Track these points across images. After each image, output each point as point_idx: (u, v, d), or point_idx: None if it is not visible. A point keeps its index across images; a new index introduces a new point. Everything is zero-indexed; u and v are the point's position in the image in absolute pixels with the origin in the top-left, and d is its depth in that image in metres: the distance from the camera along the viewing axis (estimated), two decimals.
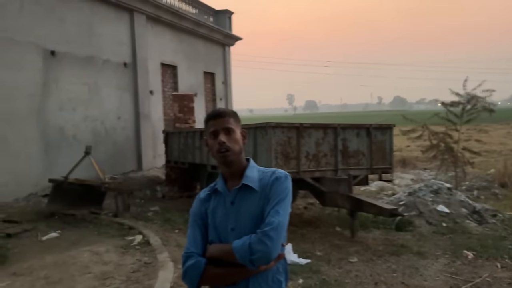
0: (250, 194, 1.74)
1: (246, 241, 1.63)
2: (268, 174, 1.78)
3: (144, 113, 12.33)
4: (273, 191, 1.72)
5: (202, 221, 1.82)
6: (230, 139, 1.75)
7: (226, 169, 1.79)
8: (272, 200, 1.70)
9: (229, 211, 1.76)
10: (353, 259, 5.53)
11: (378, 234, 6.86)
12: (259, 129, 6.73)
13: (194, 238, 1.80)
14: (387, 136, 7.47)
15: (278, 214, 1.67)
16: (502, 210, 8.14)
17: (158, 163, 12.42)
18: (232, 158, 1.75)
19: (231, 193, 1.77)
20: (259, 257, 1.62)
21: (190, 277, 1.72)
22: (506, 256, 5.61)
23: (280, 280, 1.77)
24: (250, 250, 1.61)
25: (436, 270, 5.12)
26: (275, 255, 1.65)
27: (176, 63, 14.47)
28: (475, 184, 10.98)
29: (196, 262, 1.72)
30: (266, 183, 1.74)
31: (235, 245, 1.65)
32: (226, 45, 18.38)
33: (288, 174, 1.80)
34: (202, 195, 1.88)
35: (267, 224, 1.64)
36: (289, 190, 1.76)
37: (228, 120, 1.77)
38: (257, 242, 1.61)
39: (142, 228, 6.56)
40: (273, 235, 1.62)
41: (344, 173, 6.98)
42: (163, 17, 13.31)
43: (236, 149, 1.75)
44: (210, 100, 17.29)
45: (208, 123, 1.80)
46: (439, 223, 7.16)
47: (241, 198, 1.75)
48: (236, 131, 1.78)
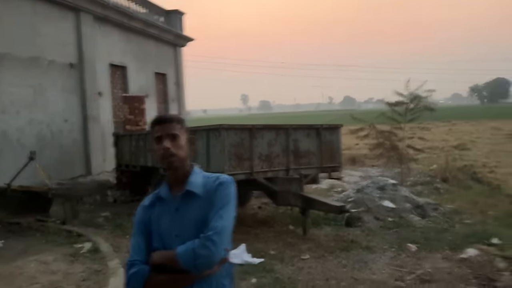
0: (194, 200, 1.75)
1: (189, 247, 1.64)
2: (212, 179, 1.80)
3: (92, 116, 11.95)
4: (217, 196, 1.74)
5: (146, 229, 1.81)
6: (175, 145, 1.75)
7: (170, 174, 1.80)
8: (215, 205, 1.72)
9: (173, 217, 1.76)
10: (306, 256, 5.69)
11: (329, 230, 7.08)
12: (212, 131, 6.75)
13: (137, 246, 1.79)
14: (335, 136, 7.72)
15: (222, 218, 1.69)
16: (443, 204, 8.66)
17: (108, 166, 12.07)
18: (176, 164, 1.76)
19: (175, 199, 1.78)
20: (203, 262, 1.63)
21: (133, 285, 1.72)
22: (446, 247, 5.99)
23: (224, 284, 1.79)
24: (194, 255, 1.62)
25: (383, 264, 5.38)
26: (218, 260, 1.67)
27: (126, 64, 14.13)
28: (419, 179, 11.57)
29: (139, 269, 1.72)
30: (210, 188, 1.76)
31: (179, 251, 1.65)
32: (177, 46, 18.18)
33: (232, 179, 1.83)
34: (146, 202, 1.88)
35: (210, 229, 1.66)
36: (233, 195, 1.79)
37: (173, 126, 1.78)
38: (200, 247, 1.63)
39: (91, 235, 6.39)
40: (216, 239, 1.64)
41: (296, 172, 7.15)
42: (111, 17, 12.96)
43: (180, 155, 1.77)
44: (162, 101, 17.03)
45: (153, 129, 1.81)
46: (385, 218, 7.50)
47: (185, 204, 1.76)
48: (181, 137, 1.79)
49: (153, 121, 1.83)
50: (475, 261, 5.32)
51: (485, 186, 10.53)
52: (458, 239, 6.31)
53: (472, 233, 6.53)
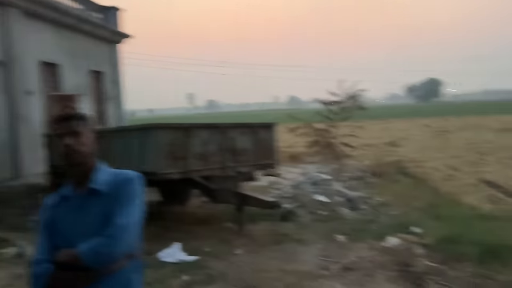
0: (99, 197, 1.78)
1: (91, 244, 1.67)
2: (118, 176, 1.83)
3: (21, 115, 11.36)
4: (122, 193, 1.77)
5: (50, 228, 1.82)
6: (77, 142, 1.76)
7: (74, 172, 1.81)
8: (119, 202, 1.75)
9: (78, 215, 1.78)
10: (239, 251, 5.83)
11: (265, 226, 7.27)
12: (147, 130, 6.70)
13: (42, 245, 1.80)
14: (270, 134, 7.93)
15: (125, 215, 1.72)
16: (373, 197, 9.17)
17: (40, 168, 11.52)
18: (78, 161, 1.77)
19: (79, 197, 1.79)
20: (105, 259, 1.67)
21: (36, 284, 1.73)
22: (371, 237, 6.38)
23: (131, 278, 1.83)
24: (95, 252, 1.65)
25: (311, 255, 5.64)
26: (121, 256, 1.72)
27: (59, 62, 13.54)
28: (353, 175, 12.12)
29: (43, 268, 1.72)
30: (115, 185, 1.79)
31: (81, 248, 1.67)
32: (114, 43, 17.68)
33: (139, 174, 1.86)
34: (49, 201, 1.88)
35: (113, 225, 1.69)
36: (138, 191, 1.82)
37: (76, 122, 1.80)
38: (102, 244, 1.66)
39: (18, 240, 6.11)
40: (118, 236, 1.68)
41: (232, 170, 7.27)
42: (42, 12, 12.37)
43: (83, 152, 1.78)
44: (98, 100, 16.50)
45: (55, 126, 1.81)
46: (318, 212, 7.84)
47: (90, 202, 1.78)
48: (84, 134, 1.80)
49: (55, 119, 1.83)
50: (395, 249, 5.73)
51: (412, 180, 11.26)
52: (383, 229, 6.74)
53: (396, 223, 7.00)
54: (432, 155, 14.99)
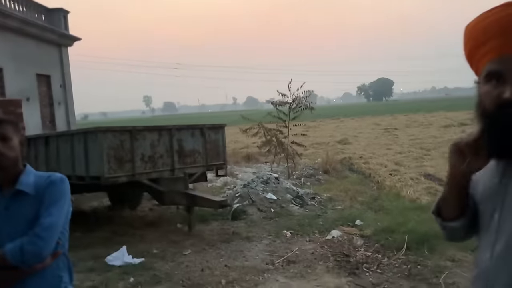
0: (25, 199, 1.84)
1: (17, 244, 1.73)
2: (43, 178, 1.90)
3: None
4: (47, 194, 1.85)
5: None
6: (5, 146, 1.82)
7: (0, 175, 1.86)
8: (45, 202, 1.83)
9: (3, 217, 1.83)
10: (187, 252, 5.92)
11: (215, 225, 7.40)
12: (89, 134, 6.65)
13: None
14: (219, 135, 8.06)
15: (51, 215, 1.80)
16: (321, 193, 9.52)
17: None
18: (5, 164, 1.83)
19: (5, 198, 1.85)
20: (31, 258, 1.73)
21: None
22: (316, 231, 6.66)
23: (61, 275, 1.92)
24: (21, 251, 1.72)
25: (257, 251, 5.83)
26: (47, 254, 1.79)
27: (1, 66, 13.04)
28: (304, 172, 12.50)
29: None
30: (41, 187, 1.87)
31: (7, 248, 1.73)
32: (62, 46, 17.19)
33: (64, 176, 1.95)
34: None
35: (38, 225, 1.77)
36: (64, 192, 1.91)
37: (4, 127, 1.85)
38: (28, 243, 1.73)
39: None
40: (44, 235, 1.75)
41: (181, 172, 7.34)
42: None
43: (11, 156, 1.84)
44: (46, 104, 15.99)
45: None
46: (268, 209, 8.05)
47: (16, 203, 1.84)
48: (13, 137, 1.86)
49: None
50: (336, 241, 6.03)
51: (359, 176, 11.76)
52: (328, 223, 7.05)
53: (340, 217, 7.34)
54: (379, 151, 15.66)
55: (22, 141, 1.93)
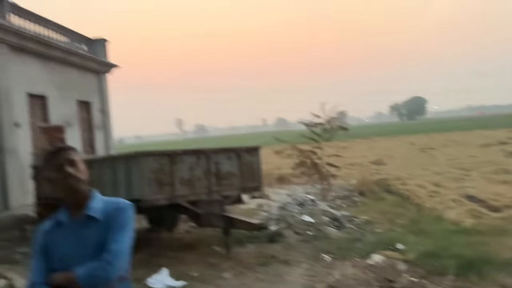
0: (94, 224, 1.92)
1: (87, 268, 1.83)
2: (111, 204, 1.98)
3: (8, 148, 11.42)
4: (115, 220, 1.93)
5: (45, 252, 1.95)
6: (76, 170, 1.92)
7: (71, 198, 1.95)
8: (113, 228, 1.91)
9: (73, 241, 1.92)
10: (226, 275, 5.93)
11: (252, 248, 7.38)
12: (132, 159, 6.86)
13: (37, 268, 1.94)
14: (255, 157, 8.13)
15: (118, 242, 1.89)
16: (358, 216, 9.35)
17: (28, 200, 11.51)
18: (78, 187, 1.92)
19: (76, 223, 1.93)
20: (101, 282, 1.83)
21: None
22: (356, 255, 6.53)
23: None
24: (92, 276, 1.81)
25: (297, 275, 5.77)
26: (114, 279, 1.87)
27: (46, 93, 13.71)
28: (339, 194, 12.32)
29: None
30: (110, 213, 1.94)
31: (78, 272, 1.82)
32: (101, 73, 17.94)
33: (130, 203, 2.02)
34: (45, 227, 2.01)
35: (108, 251, 1.86)
36: (130, 218, 1.98)
37: (71, 153, 1.96)
38: (98, 268, 1.82)
39: (6, 272, 6.14)
40: (112, 261, 1.84)
41: (218, 194, 7.42)
42: (29, 47, 12.60)
43: (82, 179, 1.93)
44: (86, 130, 16.61)
45: (51, 158, 1.94)
46: (304, 232, 7.98)
47: (85, 228, 1.92)
48: (80, 162, 1.96)
49: (50, 152, 1.97)
50: (379, 266, 5.88)
51: (397, 197, 11.48)
52: (368, 247, 6.89)
53: (380, 241, 7.16)
54: (416, 172, 15.27)
55: (85, 166, 2.04)
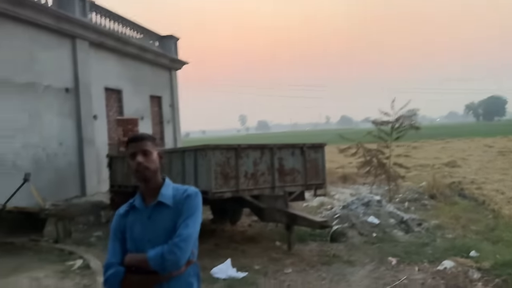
0: (165, 209, 2.04)
1: (158, 251, 1.93)
2: (181, 191, 2.08)
3: (87, 138, 12.25)
4: (185, 206, 2.03)
5: (121, 234, 2.08)
6: (147, 160, 2.04)
7: (143, 186, 2.08)
8: (183, 214, 2.01)
9: (146, 224, 2.04)
10: (288, 270, 5.90)
11: (314, 246, 7.30)
12: (199, 151, 7.05)
13: (113, 249, 2.07)
14: (319, 154, 8.01)
15: (188, 227, 1.98)
16: (428, 219, 8.89)
17: (103, 188, 12.30)
18: (148, 176, 2.04)
19: (148, 209, 2.05)
20: (170, 265, 1.92)
21: (110, 284, 1.99)
22: (425, 260, 6.21)
23: (191, 282, 2.08)
24: (162, 258, 1.91)
25: (361, 276, 5.60)
26: (184, 262, 1.97)
27: (121, 88, 14.53)
28: (408, 196, 11.78)
29: (116, 271, 1.99)
30: (179, 199, 2.05)
31: (150, 254, 1.93)
32: (172, 69, 18.65)
33: (198, 191, 2.12)
34: (121, 211, 2.14)
35: (178, 236, 1.95)
36: (198, 205, 2.08)
37: (146, 143, 2.07)
38: (169, 251, 1.92)
39: (83, 253, 6.61)
40: (182, 245, 1.94)
41: (281, 190, 7.41)
42: (106, 43, 13.41)
43: (152, 168, 2.05)
44: (157, 123, 17.38)
45: (128, 146, 2.09)
46: (369, 233, 7.73)
47: (157, 213, 2.04)
48: (153, 152, 2.08)
49: (128, 139, 2.12)
50: (449, 272, 5.54)
51: (471, 202, 10.76)
52: (438, 252, 6.53)
53: (452, 247, 6.76)
54: (494, 176, 14.22)
55: (160, 155, 2.13)
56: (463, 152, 24.03)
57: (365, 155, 11.59)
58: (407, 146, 12.20)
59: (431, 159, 20.74)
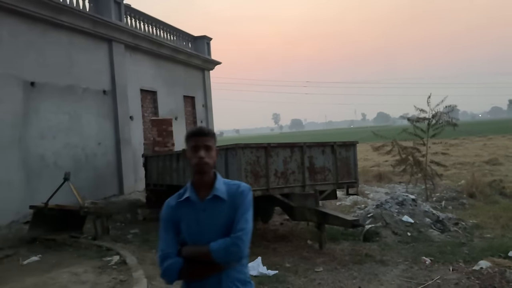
0: (220, 203, 2.10)
1: (222, 243, 2.01)
2: (234, 187, 2.16)
3: (124, 138, 12.66)
4: (241, 202, 2.10)
5: (174, 226, 2.15)
6: (208, 155, 2.12)
7: (199, 179, 2.14)
8: (241, 209, 2.08)
9: (201, 217, 2.10)
10: (319, 269, 5.89)
11: (346, 245, 7.23)
12: (230, 150, 7.13)
13: (168, 240, 2.13)
14: (351, 152, 7.92)
15: (247, 221, 2.07)
16: (466, 219, 8.61)
17: (140, 186, 12.69)
18: (206, 170, 2.12)
19: (204, 202, 2.11)
20: (233, 257, 2.02)
21: (169, 274, 2.07)
22: (460, 260, 6.03)
23: (246, 272, 2.17)
24: (226, 251, 2.00)
25: (393, 276, 5.51)
26: (246, 254, 2.06)
27: (156, 89, 14.90)
28: (445, 195, 11.44)
29: (174, 261, 2.07)
30: (233, 194, 2.12)
31: (212, 246, 2.01)
32: (205, 70, 18.92)
33: (250, 187, 2.20)
34: (172, 203, 2.19)
35: (240, 230, 2.03)
36: (251, 200, 2.16)
37: (209, 138, 2.16)
38: (232, 244, 2.00)
39: (119, 249, 6.84)
40: (244, 238, 2.02)
41: (312, 188, 7.39)
42: (141, 45, 13.79)
43: (211, 163, 2.14)
44: (191, 123, 17.69)
45: (191, 138, 2.14)
46: (404, 232, 7.57)
47: (213, 207, 2.10)
48: (213, 148, 2.17)
49: (192, 132, 2.18)
50: (485, 272, 5.35)
51: None
52: (474, 252, 6.33)
53: (489, 247, 6.52)
54: None
55: (217, 151, 2.23)
56: (506, 149, 23.03)
57: (401, 153, 11.33)
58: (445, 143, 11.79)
59: (471, 157, 20.02)
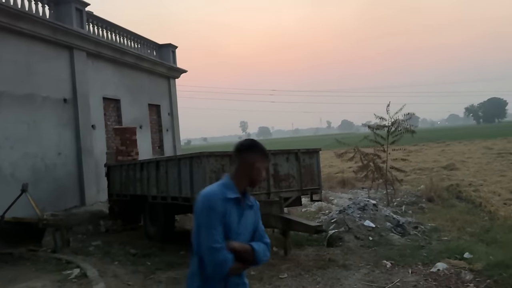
0: (250, 210, 2.40)
1: (262, 246, 2.35)
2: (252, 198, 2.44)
3: (86, 148, 12.34)
4: (259, 213, 2.47)
5: (223, 219, 2.24)
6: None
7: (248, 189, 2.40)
8: (259, 219, 2.45)
9: (239, 219, 2.32)
10: (284, 275, 5.96)
11: (311, 251, 7.35)
12: (195, 158, 7.13)
13: (219, 232, 2.22)
14: (314, 159, 8.09)
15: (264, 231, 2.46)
16: (425, 222, 8.94)
17: (102, 197, 12.37)
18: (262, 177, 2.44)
19: (242, 208, 2.34)
20: (266, 260, 2.37)
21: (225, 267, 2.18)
22: (419, 263, 6.26)
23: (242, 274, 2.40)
24: (264, 253, 2.35)
25: (355, 280, 5.65)
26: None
27: (119, 97, 14.64)
28: (406, 199, 11.84)
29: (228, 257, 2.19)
30: (255, 203, 2.44)
31: (257, 247, 2.31)
32: (171, 78, 18.77)
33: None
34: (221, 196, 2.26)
35: (266, 238, 2.42)
36: None
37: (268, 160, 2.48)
38: (267, 249, 2.38)
39: (80, 262, 6.67)
40: (268, 243, 2.41)
41: (276, 195, 7.47)
42: (104, 53, 13.54)
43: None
44: (156, 131, 17.47)
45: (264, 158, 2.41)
46: (366, 237, 7.77)
47: (247, 212, 2.37)
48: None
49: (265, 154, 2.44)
50: (442, 274, 5.59)
51: (468, 204, 10.80)
52: (432, 254, 6.58)
53: (446, 249, 6.81)
54: (491, 178, 14.26)
55: None
56: (462, 154, 24.05)
57: (362, 160, 11.66)
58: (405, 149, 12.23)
59: (430, 162, 20.77)
